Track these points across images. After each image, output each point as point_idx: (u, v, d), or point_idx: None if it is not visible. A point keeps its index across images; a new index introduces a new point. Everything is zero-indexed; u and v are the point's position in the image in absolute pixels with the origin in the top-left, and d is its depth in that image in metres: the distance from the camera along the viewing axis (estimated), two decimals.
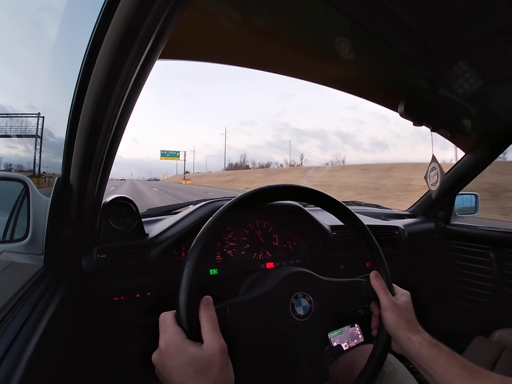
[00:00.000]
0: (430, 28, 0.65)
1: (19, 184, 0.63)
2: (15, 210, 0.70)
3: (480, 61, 0.74)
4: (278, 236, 0.92)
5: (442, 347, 0.45)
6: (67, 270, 0.65)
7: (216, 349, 0.37)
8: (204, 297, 0.41)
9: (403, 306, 0.50)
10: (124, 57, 0.37)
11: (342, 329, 1.00)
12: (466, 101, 0.88)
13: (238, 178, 39.73)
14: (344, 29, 0.67)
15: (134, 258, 0.72)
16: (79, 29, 0.59)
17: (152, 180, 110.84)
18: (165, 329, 0.39)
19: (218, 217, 0.45)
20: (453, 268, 1.41)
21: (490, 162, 1.24)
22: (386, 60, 0.81)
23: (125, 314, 0.74)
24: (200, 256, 0.42)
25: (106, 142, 0.51)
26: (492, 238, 1.29)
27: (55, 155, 0.87)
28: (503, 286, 1.23)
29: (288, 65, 0.88)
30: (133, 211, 0.77)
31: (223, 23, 0.64)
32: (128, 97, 0.44)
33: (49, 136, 1.11)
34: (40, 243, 0.62)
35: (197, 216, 0.81)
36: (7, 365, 0.38)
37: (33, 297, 0.53)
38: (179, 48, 0.73)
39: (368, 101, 1.04)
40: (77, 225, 0.66)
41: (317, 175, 24.26)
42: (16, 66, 12.09)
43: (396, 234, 1.15)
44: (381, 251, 0.56)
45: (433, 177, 0.97)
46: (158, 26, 0.35)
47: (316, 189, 0.55)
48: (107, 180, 0.62)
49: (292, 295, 0.48)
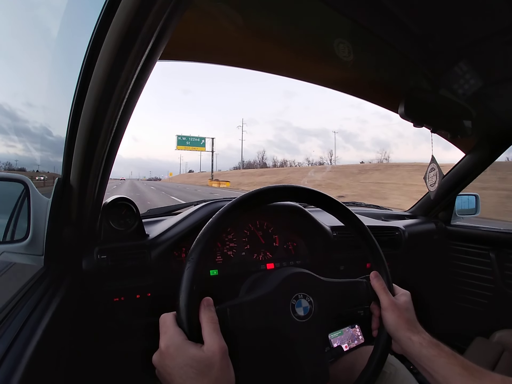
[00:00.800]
0: (430, 29, 0.66)
1: (20, 184, 0.63)
2: (16, 210, 0.70)
3: (480, 62, 0.74)
4: (279, 237, 0.92)
5: (442, 347, 0.45)
6: (68, 271, 0.65)
7: (217, 350, 0.37)
8: (205, 298, 0.41)
9: (403, 306, 0.50)
10: (124, 58, 0.37)
11: (342, 330, 1.00)
12: (466, 102, 0.88)
13: (287, 178, 29.09)
14: (344, 30, 0.67)
15: (135, 258, 0.72)
16: (79, 29, 0.59)
17: (152, 180, 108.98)
18: (166, 330, 0.39)
19: (218, 218, 0.45)
20: (454, 269, 1.41)
21: (490, 163, 1.24)
22: (386, 61, 0.81)
23: (125, 314, 0.74)
24: (200, 257, 0.42)
25: (107, 142, 0.51)
26: (493, 238, 1.28)
27: (54, 154, 0.87)
28: (503, 287, 1.23)
29: (288, 67, 0.88)
30: (134, 211, 0.77)
31: (223, 24, 0.64)
32: (129, 97, 0.44)
33: (48, 134, 1.11)
34: (41, 243, 0.62)
35: (197, 216, 0.81)
36: (8, 365, 0.38)
37: (33, 297, 0.53)
38: (180, 49, 0.73)
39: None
40: (78, 226, 0.66)
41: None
42: (16, 66, 12.15)
43: (396, 235, 1.15)
44: (382, 252, 0.56)
45: (432, 178, 0.97)
46: (158, 27, 0.35)
47: (316, 190, 0.55)
48: (107, 180, 0.62)
49: (293, 296, 0.48)
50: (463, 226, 1.41)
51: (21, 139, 12.25)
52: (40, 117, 3.26)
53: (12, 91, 29.90)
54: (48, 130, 1.13)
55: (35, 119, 14.98)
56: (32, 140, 9.73)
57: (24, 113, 43.99)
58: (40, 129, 2.64)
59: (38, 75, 5.17)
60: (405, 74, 0.87)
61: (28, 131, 14.01)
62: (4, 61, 9.84)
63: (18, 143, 14.65)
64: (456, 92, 0.84)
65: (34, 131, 8.46)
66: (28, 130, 15.12)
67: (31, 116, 19.73)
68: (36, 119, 16.02)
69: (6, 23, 7.31)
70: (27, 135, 12.98)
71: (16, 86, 28.52)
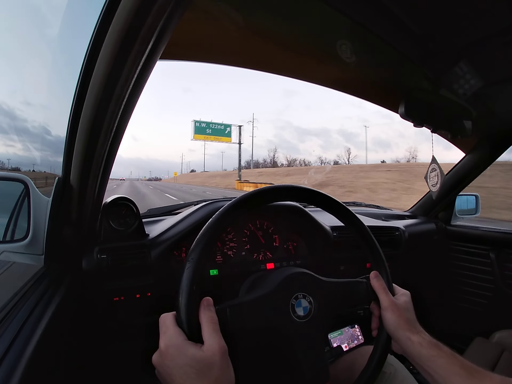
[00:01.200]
0: (430, 29, 0.65)
1: (20, 184, 0.63)
2: (16, 210, 0.70)
3: (481, 62, 0.74)
4: (279, 237, 0.92)
5: (442, 347, 0.45)
6: (68, 270, 0.65)
7: (217, 350, 0.37)
8: (204, 298, 0.41)
9: (403, 306, 0.50)
10: (124, 58, 0.37)
11: (342, 330, 1.00)
12: (466, 102, 0.88)
13: (332, 180, 21.32)
14: (345, 30, 0.67)
15: (135, 258, 0.72)
16: (80, 29, 0.59)
17: (152, 180, 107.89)
18: (165, 330, 0.39)
19: (218, 219, 0.45)
20: (454, 269, 1.41)
21: (491, 163, 1.24)
22: (387, 61, 0.81)
23: (125, 314, 0.75)
24: (200, 257, 0.42)
25: (107, 142, 0.51)
26: (493, 239, 1.28)
27: (53, 154, 0.87)
28: (503, 287, 1.23)
29: (288, 67, 0.88)
30: (134, 211, 0.77)
31: (224, 24, 0.64)
32: (129, 97, 0.44)
33: (46, 134, 1.11)
34: (41, 243, 0.62)
35: (197, 216, 0.81)
36: (7, 365, 0.38)
37: (33, 297, 0.53)
38: (180, 48, 0.73)
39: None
40: (78, 226, 0.66)
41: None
42: (15, 66, 12.16)
43: (396, 235, 1.15)
44: (381, 252, 0.56)
45: (434, 178, 0.97)
46: (158, 27, 0.35)
47: (316, 190, 0.55)
48: (107, 180, 0.62)
49: (292, 295, 0.48)
50: (463, 226, 1.41)
51: (20, 139, 12.25)
52: (40, 117, 3.26)
53: (11, 91, 29.98)
54: (47, 129, 1.13)
55: (34, 118, 14.97)
56: (31, 140, 9.74)
57: (23, 112, 43.95)
58: (39, 129, 2.65)
59: (38, 75, 5.18)
60: (405, 74, 0.86)
61: (27, 130, 14.01)
62: (4, 60, 9.88)
63: (18, 142, 14.60)
64: (456, 92, 0.84)
65: (33, 131, 8.47)
66: (27, 129, 15.11)
67: (30, 115, 19.75)
68: (35, 119, 16.02)
69: (6, 23, 7.31)
70: (26, 134, 12.97)
71: (15, 86, 28.61)
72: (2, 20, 5.47)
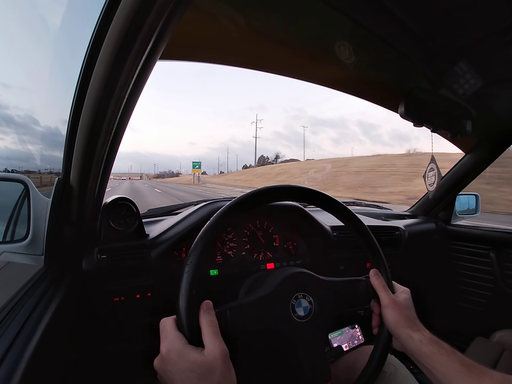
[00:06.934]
0: (430, 29, 0.65)
1: (20, 184, 0.63)
2: (16, 210, 0.70)
3: (481, 62, 0.74)
4: (279, 237, 0.92)
5: (442, 345, 0.45)
6: (68, 271, 0.65)
7: (218, 354, 0.36)
8: (204, 302, 0.41)
9: (403, 304, 0.50)
10: (124, 58, 0.37)
11: (342, 330, 1.00)
12: (466, 101, 0.88)
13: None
14: (345, 31, 0.67)
15: (135, 258, 0.72)
16: (79, 29, 0.59)
17: (166, 177, 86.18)
18: (166, 335, 0.39)
19: (216, 221, 0.45)
20: (454, 268, 1.41)
21: (490, 162, 1.24)
22: (387, 61, 0.81)
23: (125, 314, 0.74)
24: (199, 260, 0.41)
25: (107, 142, 0.51)
26: (493, 238, 1.28)
27: (46, 148, 0.87)
28: (503, 286, 1.23)
29: (289, 67, 0.88)
30: (134, 211, 0.77)
31: (224, 24, 0.64)
32: (129, 97, 0.44)
33: (47, 133, 1.11)
34: (41, 243, 0.62)
35: (197, 216, 0.81)
36: (7, 365, 0.38)
37: (33, 297, 0.53)
38: (180, 49, 0.73)
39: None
40: (78, 226, 0.66)
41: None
42: (15, 65, 12.13)
43: (396, 235, 1.15)
44: (381, 251, 0.56)
45: (431, 178, 0.98)
46: (158, 27, 0.35)
47: (316, 190, 0.55)
48: (107, 180, 0.62)
49: (292, 296, 0.48)
50: (463, 226, 1.41)
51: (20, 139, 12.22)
52: (40, 117, 3.26)
53: (11, 92, 29.83)
54: (48, 129, 1.13)
55: (34, 118, 14.93)
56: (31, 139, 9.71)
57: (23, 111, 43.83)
58: (40, 129, 2.64)
59: (38, 75, 5.18)
60: (405, 74, 0.86)
61: (27, 129, 13.94)
62: (4, 60, 9.87)
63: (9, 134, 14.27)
64: (456, 92, 0.84)
65: (33, 131, 8.44)
66: (26, 128, 15.00)
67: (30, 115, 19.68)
68: (35, 119, 15.96)
69: (6, 23, 7.31)
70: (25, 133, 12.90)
71: (15, 86, 28.46)
72: (5, 23, 5.47)
